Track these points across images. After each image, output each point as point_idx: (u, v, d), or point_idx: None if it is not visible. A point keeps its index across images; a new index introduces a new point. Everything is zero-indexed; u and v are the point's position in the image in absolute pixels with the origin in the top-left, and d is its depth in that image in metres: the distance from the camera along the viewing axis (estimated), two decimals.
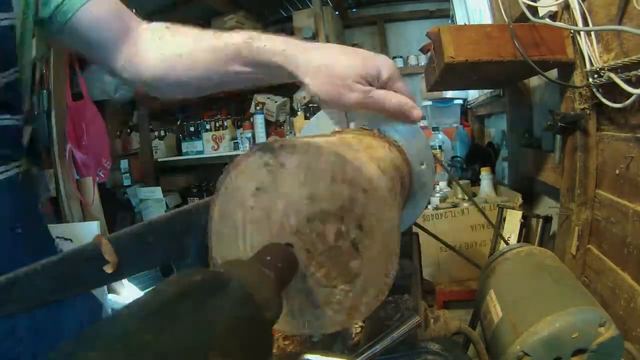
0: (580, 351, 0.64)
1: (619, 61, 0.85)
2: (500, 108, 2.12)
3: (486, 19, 1.92)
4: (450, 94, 2.68)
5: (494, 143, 2.37)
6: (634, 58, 0.80)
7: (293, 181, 0.32)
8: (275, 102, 2.83)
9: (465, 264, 1.42)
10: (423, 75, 1.96)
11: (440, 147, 2.35)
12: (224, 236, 0.34)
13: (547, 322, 0.64)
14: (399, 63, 3.16)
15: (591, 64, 0.97)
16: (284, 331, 0.35)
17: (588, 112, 1.05)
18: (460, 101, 2.75)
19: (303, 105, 2.70)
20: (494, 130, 2.49)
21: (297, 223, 0.32)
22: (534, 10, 1.09)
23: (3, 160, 0.57)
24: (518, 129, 1.78)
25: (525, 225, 1.51)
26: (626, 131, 0.92)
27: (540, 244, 1.33)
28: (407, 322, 0.49)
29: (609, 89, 0.92)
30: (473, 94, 2.55)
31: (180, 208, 0.37)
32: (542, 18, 1.08)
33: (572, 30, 1.03)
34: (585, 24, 0.98)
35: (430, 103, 2.75)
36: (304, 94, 2.76)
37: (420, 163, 0.58)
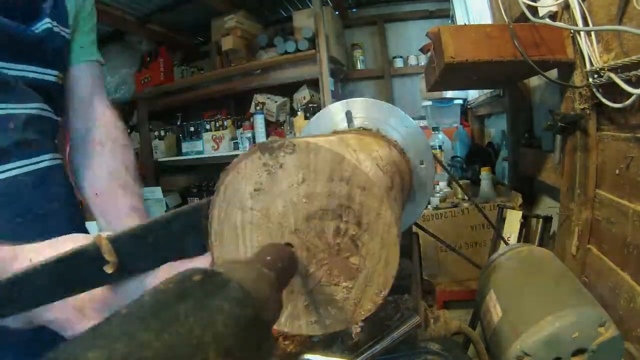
0: (580, 351, 0.64)
1: (619, 61, 0.85)
2: (500, 108, 2.12)
3: (486, 19, 1.92)
4: (450, 94, 2.68)
5: (494, 143, 2.37)
6: (634, 58, 0.80)
7: (292, 181, 0.32)
8: (275, 102, 2.82)
9: (465, 264, 1.42)
10: (423, 75, 1.96)
11: (440, 147, 2.35)
12: (224, 237, 0.34)
13: (547, 322, 0.64)
14: (399, 63, 3.16)
15: (591, 64, 0.97)
16: (287, 331, 0.35)
17: (588, 112, 1.05)
18: (460, 101, 2.75)
19: (303, 105, 2.70)
20: (494, 130, 2.49)
21: (296, 222, 0.32)
22: (534, 10, 1.09)
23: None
24: (518, 129, 1.78)
25: (525, 225, 1.51)
26: (626, 131, 0.92)
27: (540, 244, 1.33)
28: (407, 322, 0.49)
29: (609, 89, 0.92)
30: (473, 94, 2.55)
31: (180, 208, 0.37)
32: (542, 18, 1.08)
33: (572, 30, 1.03)
34: (585, 24, 0.98)
35: (430, 103, 2.75)
36: (303, 94, 2.76)
37: (420, 162, 0.58)
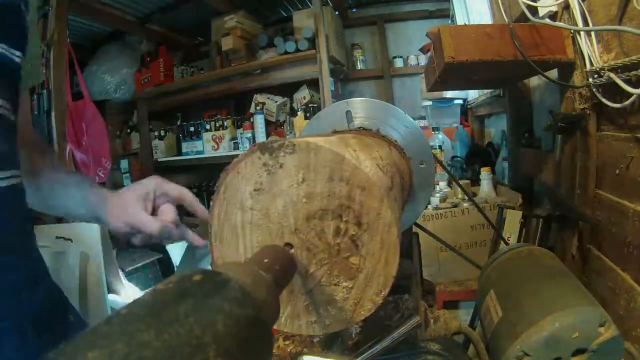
0: (580, 351, 0.64)
1: (619, 61, 0.84)
2: (500, 108, 2.12)
3: (486, 19, 1.92)
4: (450, 94, 2.68)
5: (494, 143, 2.37)
6: (634, 58, 0.79)
7: (291, 181, 0.32)
8: (275, 102, 2.82)
9: (465, 264, 1.42)
10: (423, 75, 1.96)
11: (440, 147, 2.34)
12: (223, 237, 0.34)
13: (547, 322, 0.64)
14: (399, 63, 3.16)
15: (591, 64, 0.97)
16: (287, 331, 0.35)
17: (588, 112, 1.05)
18: (460, 101, 2.75)
19: (303, 105, 2.70)
20: (494, 130, 2.49)
21: (296, 222, 0.32)
22: (534, 10, 1.09)
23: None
24: (518, 129, 1.78)
25: (525, 225, 1.51)
26: (626, 131, 0.92)
27: (540, 244, 1.33)
28: (407, 322, 0.49)
29: (609, 89, 0.92)
30: (473, 94, 2.55)
31: None
32: (542, 18, 1.08)
33: (572, 30, 1.02)
34: (585, 24, 0.98)
35: (430, 103, 2.75)
36: (303, 94, 2.76)
37: (420, 162, 0.58)
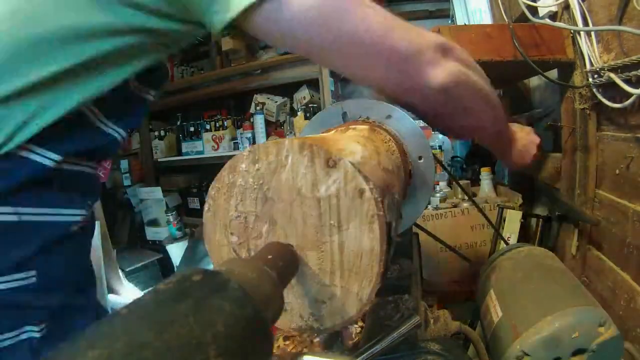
0: (580, 351, 0.64)
1: (619, 61, 0.85)
2: None
3: (486, 19, 1.92)
4: None
5: None
6: (634, 58, 0.80)
7: (289, 179, 0.32)
8: (275, 102, 2.82)
9: (466, 264, 1.42)
10: None
11: (440, 147, 2.34)
12: (214, 244, 0.34)
13: (547, 322, 0.64)
14: None
15: (591, 64, 0.97)
16: (287, 331, 0.35)
17: (588, 112, 1.05)
18: None
19: (303, 105, 2.70)
20: None
21: (296, 222, 0.32)
22: (534, 10, 1.09)
23: None
24: None
25: (525, 225, 1.50)
26: (626, 131, 0.92)
27: (540, 244, 1.33)
28: (407, 322, 0.49)
29: (609, 89, 0.92)
30: None
31: None
32: (542, 18, 1.08)
33: (572, 30, 1.02)
34: (585, 24, 0.98)
35: None
36: (303, 94, 2.76)
37: (419, 157, 0.58)
